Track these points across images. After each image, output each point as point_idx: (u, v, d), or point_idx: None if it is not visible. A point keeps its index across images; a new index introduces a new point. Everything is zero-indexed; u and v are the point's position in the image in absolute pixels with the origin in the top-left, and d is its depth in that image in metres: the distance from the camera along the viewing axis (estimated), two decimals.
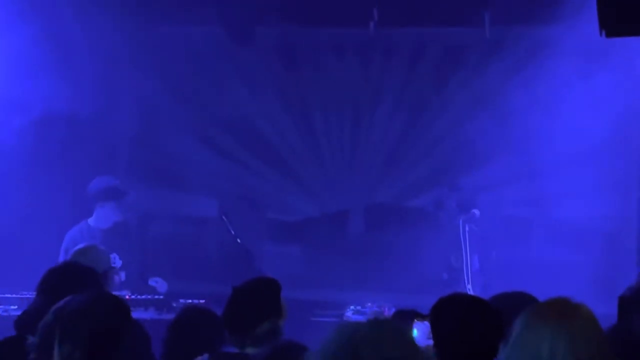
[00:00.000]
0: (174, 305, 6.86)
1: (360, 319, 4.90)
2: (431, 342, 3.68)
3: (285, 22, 8.93)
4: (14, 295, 6.98)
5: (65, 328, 3.41)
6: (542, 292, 3.54)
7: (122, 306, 3.56)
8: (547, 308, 2.89)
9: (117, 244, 7.48)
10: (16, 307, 6.73)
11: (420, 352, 2.16)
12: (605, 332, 2.96)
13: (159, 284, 7.43)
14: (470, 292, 6.62)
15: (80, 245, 5.60)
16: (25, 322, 4.22)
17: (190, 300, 7.08)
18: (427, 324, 3.84)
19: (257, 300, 4.38)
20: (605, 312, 4.02)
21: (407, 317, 4.09)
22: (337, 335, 2.14)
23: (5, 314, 6.79)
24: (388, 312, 6.96)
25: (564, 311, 2.84)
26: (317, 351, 2.15)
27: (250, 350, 4.23)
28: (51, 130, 8.36)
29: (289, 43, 9.26)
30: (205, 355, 4.25)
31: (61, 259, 6.89)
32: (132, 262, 7.52)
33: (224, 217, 7.70)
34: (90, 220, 7.57)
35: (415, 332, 3.77)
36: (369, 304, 7.25)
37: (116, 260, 7.49)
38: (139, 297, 7.04)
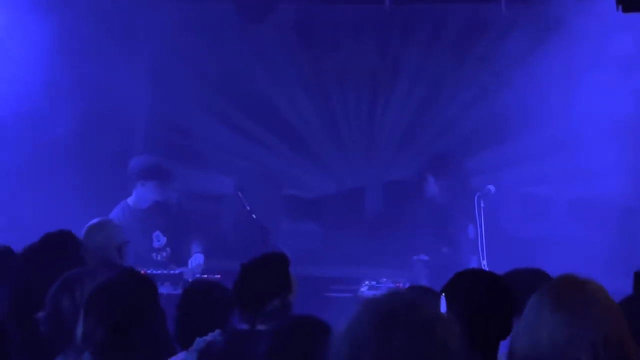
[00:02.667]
0: (190, 280, 6.89)
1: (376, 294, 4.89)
2: None
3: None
4: None
5: (90, 304, 3.42)
6: (558, 269, 3.53)
7: (148, 284, 3.56)
8: (557, 290, 2.84)
9: (159, 223, 7.53)
10: None
11: (453, 326, 2.15)
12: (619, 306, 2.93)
13: (193, 259, 7.46)
14: (486, 269, 6.61)
15: (95, 221, 5.62)
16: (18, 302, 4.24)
17: (205, 276, 7.12)
18: None
19: (267, 277, 4.37)
20: (622, 287, 4.02)
21: (420, 293, 4.07)
22: (365, 311, 2.14)
23: None
24: (403, 288, 6.95)
25: (575, 292, 2.80)
26: (345, 330, 2.15)
27: (261, 327, 4.23)
28: (68, 109, 8.38)
29: (306, 20, 9.22)
30: (217, 332, 4.25)
31: None
32: (175, 239, 7.56)
33: (240, 194, 7.71)
34: (130, 200, 7.59)
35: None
36: (384, 280, 7.26)
37: (160, 238, 7.55)
38: (154, 272, 7.07)
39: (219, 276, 6.98)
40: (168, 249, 7.56)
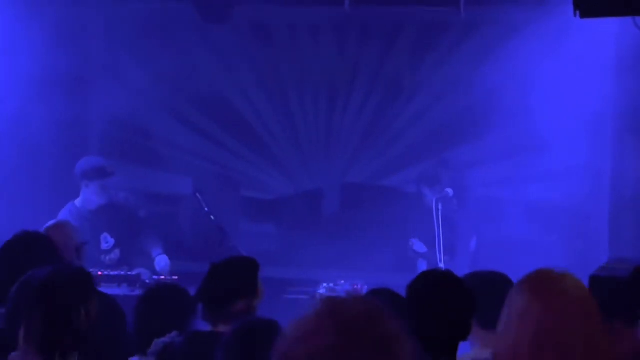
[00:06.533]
0: (147, 281, 6.86)
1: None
2: None
3: (260, 0, 8.89)
4: None
5: (27, 302, 3.42)
6: (515, 272, 3.56)
7: (81, 279, 3.55)
8: (537, 280, 2.86)
9: (107, 224, 7.44)
10: None
11: (409, 343, 2.15)
12: None
13: (157, 260, 7.38)
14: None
15: (52, 222, 5.58)
16: None
17: (162, 277, 7.08)
18: None
19: (234, 278, 4.40)
20: None
21: (381, 296, 4.09)
22: (320, 310, 2.13)
23: None
24: (361, 290, 6.98)
25: (552, 283, 2.81)
26: (300, 337, 2.14)
27: (222, 328, 4.22)
28: (27, 110, 8.30)
29: (264, 21, 9.22)
30: (174, 333, 4.24)
31: None
32: (125, 241, 7.48)
33: (198, 195, 7.68)
34: (77, 202, 7.50)
35: None
36: (342, 282, 7.27)
37: (108, 239, 7.46)
38: (111, 273, 7.02)
39: (176, 277, 6.96)
40: (117, 251, 7.48)
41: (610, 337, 2.79)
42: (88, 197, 7.43)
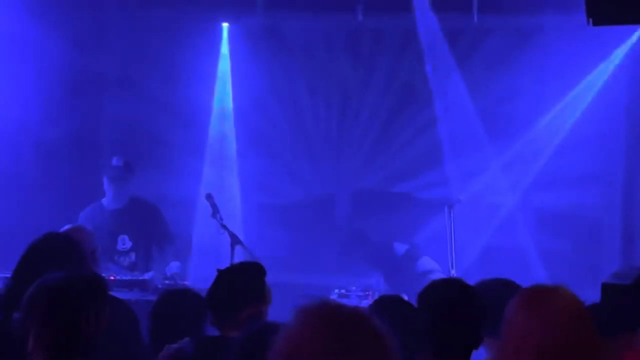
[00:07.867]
0: (159, 286, 6.87)
1: (345, 302, 4.93)
2: None
3: (273, 8, 8.91)
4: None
5: (36, 308, 3.43)
6: (526, 280, 3.57)
7: (92, 285, 3.55)
8: (527, 295, 2.91)
9: (129, 225, 7.49)
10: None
11: (382, 339, 2.19)
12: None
13: (169, 267, 7.39)
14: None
15: (69, 226, 5.60)
16: (9, 301, 4.22)
17: (173, 282, 7.09)
18: None
19: (241, 284, 4.39)
20: (589, 298, 4.06)
21: (390, 302, 4.09)
22: (301, 314, 2.18)
23: None
24: (372, 296, 6.99)
25: (541, 297, 2.86)
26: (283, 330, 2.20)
27: (231, 334, 4.23)
28: (35, 113, 8.33)
29: (277, 27, 9.23)
30: (186, 339, 4.24)
31: None
32: (143, 242, 7.52)
33: (209, 200, 7.69)
34: (104, 201, 7.57)
35: None
36: (354, 288, 7.28)
37: (125, 241, 7.49)
38: (123, 277, 7.04)
39: (187, 282, 6.97)
40: (132, 255, 7.51)
41: (603, 350, 2.84)
42: (113, 197, 7.54)
